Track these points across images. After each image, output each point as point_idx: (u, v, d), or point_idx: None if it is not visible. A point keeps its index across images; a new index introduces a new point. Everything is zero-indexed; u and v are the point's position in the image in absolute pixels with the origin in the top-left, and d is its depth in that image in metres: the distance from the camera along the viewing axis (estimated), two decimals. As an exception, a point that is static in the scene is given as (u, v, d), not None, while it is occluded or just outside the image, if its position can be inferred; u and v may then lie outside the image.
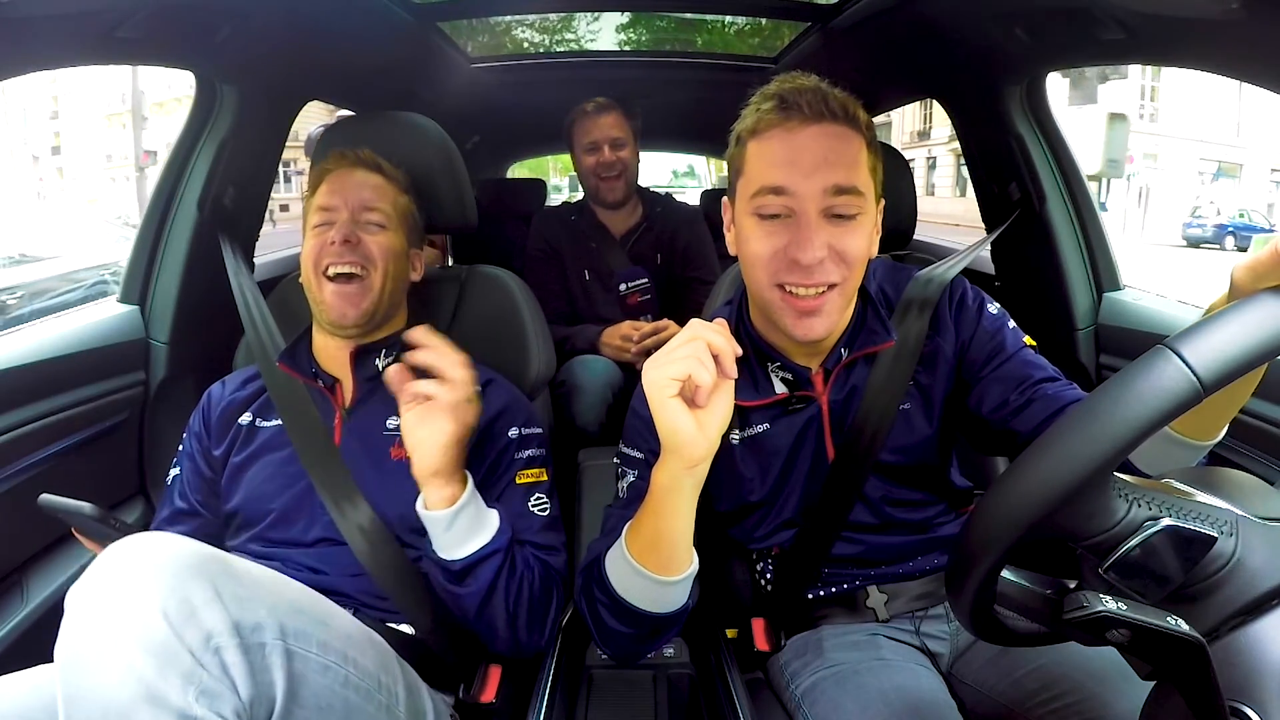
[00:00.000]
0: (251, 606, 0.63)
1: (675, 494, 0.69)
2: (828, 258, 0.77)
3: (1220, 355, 0.42)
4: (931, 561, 0.92)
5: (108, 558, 0.62)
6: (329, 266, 0.95)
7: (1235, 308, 0.44)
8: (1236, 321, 0.43)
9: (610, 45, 2.27)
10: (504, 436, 0.97)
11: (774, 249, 0.78)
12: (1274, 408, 1.03)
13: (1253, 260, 0.51)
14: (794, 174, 0.77)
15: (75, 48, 0.96)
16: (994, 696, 0.83)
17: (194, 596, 0.60)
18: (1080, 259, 1.41)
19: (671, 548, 0.72)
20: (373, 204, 0.99)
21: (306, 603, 0.70)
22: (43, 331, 1.18)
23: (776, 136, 0.78)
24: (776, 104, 0.79)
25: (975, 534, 0.48)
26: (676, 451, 0.67)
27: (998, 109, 1.40)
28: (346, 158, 1.02)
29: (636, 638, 0.78)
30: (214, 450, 1.00)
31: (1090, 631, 0.46)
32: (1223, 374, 0.42)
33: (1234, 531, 0.46)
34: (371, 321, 0.98)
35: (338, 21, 1.34)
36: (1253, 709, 0.42)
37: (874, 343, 0.88)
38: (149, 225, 1.30)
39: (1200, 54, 1.00)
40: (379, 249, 0.97)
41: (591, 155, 1.80)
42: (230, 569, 0.65)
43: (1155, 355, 0.43)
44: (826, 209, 0.77)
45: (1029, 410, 0.82)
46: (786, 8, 1.66)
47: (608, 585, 0.75)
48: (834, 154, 0.77)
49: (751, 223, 0.80)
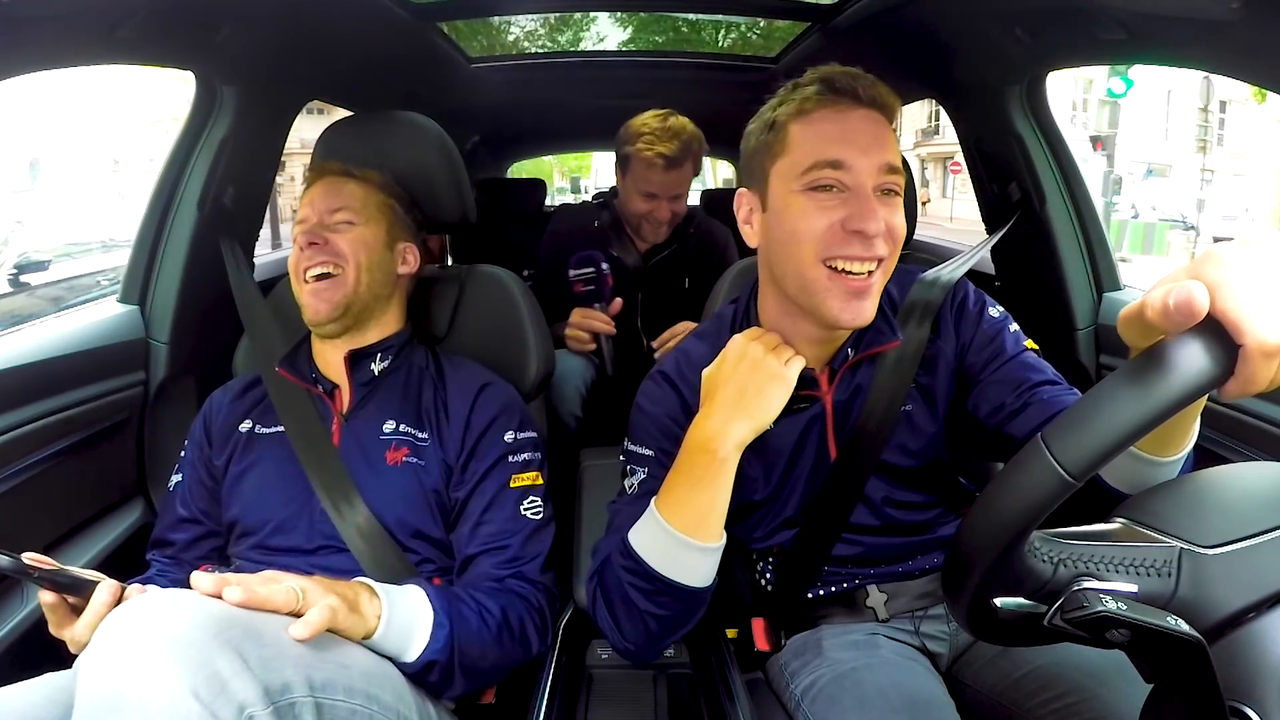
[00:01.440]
0: (277, 666, 0.60)
1: (734, 460, 0.78)
2: (885, 230, 0.78)
3: (1082, 450, 0.43)
4: (931, 561, 0.92)
5: (119, 629, 0.57)
6: (305, 270, 0.97)
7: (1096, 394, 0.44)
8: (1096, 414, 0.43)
9: (611, 45, 2.27)
10: (499, 441, 0.98)
11: (829, 222, 0.77)
12: (1274, 408, 1.03)
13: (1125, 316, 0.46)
14: (850, 149, 0.77)
15: (75, 48, 0.96)
16: (994, 696, 0.83)
17: (223, 669, 0.56)
18: (1080, 259, 1.41)
19: (719, 513, 0.78)
20: (338, 205, 1.00)
21: (325, 646, 0.68)
22: (43, 331, 1.18)
23: (827, 117, 0.79)
24: (823, 87, 0.79)
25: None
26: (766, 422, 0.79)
27: (998, 109, 1.40)
28: (317, 170, 1.04)
29: (666, 620, 0.79)
30: (215, 459, 1.00)
31: (1090, 631, 0.46)
32: (1088, 466, 0.43)
33: (1172, 571, 0.47)
34: (349, 315, 0.98)
35: (338, 21, 1.35)
36: (1253, 709, 0.42)
37: (880, 342, 0.88)
38: (149, 225, 1.30)
39: (1200, 54, 1.00)
40: (349, 244, 0.98)
41: (647, 203, 1.67)
42: (252, 628, 0.62)
43: (1032, 450, 0.45)
44: (879, 185, 0.78)
45: (1025, 414, 0.82)
46: (786, 8, 1.66)
47: (641, 564, 0.77)
48: (882, 138, 0.79)
49: (801, 199, 0.79)
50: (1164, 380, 0.41)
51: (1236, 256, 0.41)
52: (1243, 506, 0.50)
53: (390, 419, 0.98)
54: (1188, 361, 0.41)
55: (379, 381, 1.01)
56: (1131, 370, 0.42)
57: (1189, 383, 0.40)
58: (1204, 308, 0.40)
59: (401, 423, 0.98)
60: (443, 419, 0.98)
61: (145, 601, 0.60)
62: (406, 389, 1.01)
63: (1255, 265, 0.40)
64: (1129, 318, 0.45)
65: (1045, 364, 0.87)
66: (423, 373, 1.03)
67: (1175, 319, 0.40)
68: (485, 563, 0.93)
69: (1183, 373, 0.41)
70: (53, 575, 0.74)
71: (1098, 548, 0.48)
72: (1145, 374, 0.41)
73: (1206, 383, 0.41)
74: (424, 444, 0.97)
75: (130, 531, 1.22)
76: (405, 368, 1.03)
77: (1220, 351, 0.40)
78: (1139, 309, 0.43)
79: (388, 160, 1.10)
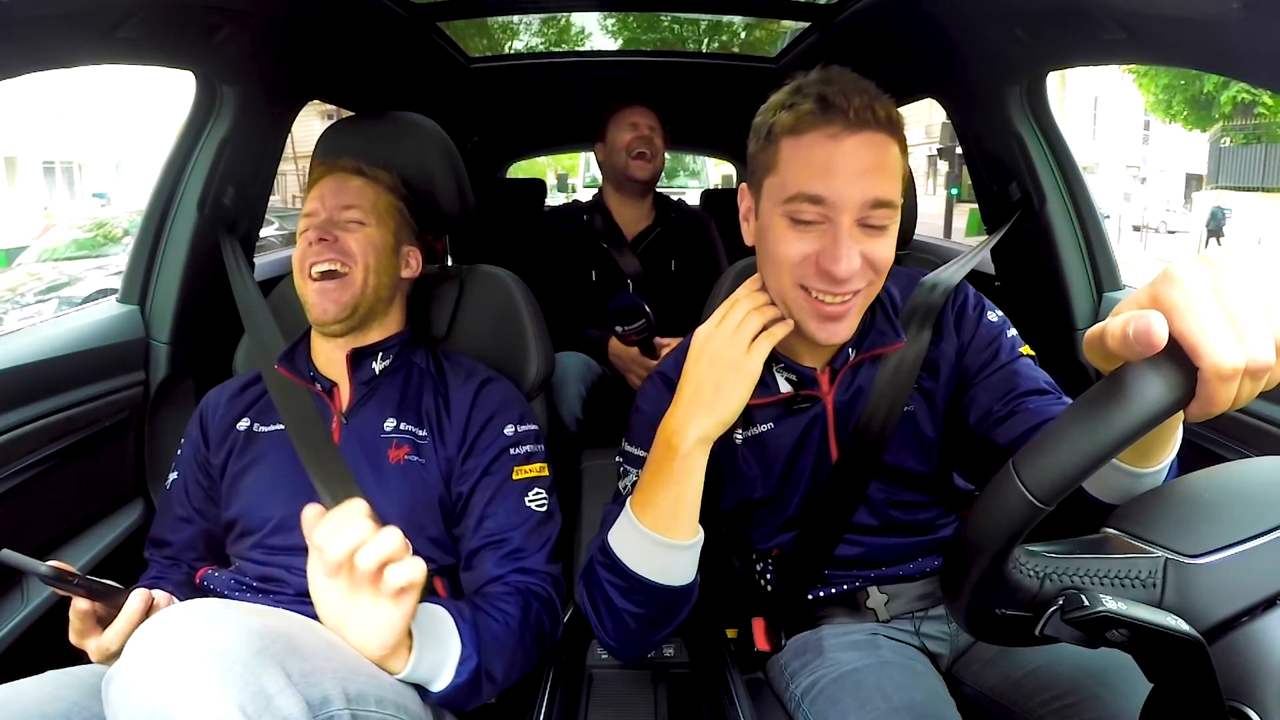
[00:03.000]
0: (317, 680, 0.60)
1: (703, 456, 0.76)
2: (861, 267, 0.76)
3: (1049, 476, 0.44)
4: (932, 563, 0.92)
5: (158, 641, 0.56)
6: (311, 266, 0.96)
7: (1063, 421, 0.44)
8: (1062, 442, 0.44)
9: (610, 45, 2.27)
10: (500, 435, 0.98)
11: (804, 254, 0.76)
12: (1274, 408, 1.03)
13: (1089, 339, 0.45)
14: (834, 184, 0.73)
15: (75, 48, 0.96)
16: (994, 697, 0.83)
17: (268, 685, 0.56)
18: (1080, 259, 1.41)
19: (691, 510, 0.76)
20: (350, 203, 1.00)
21: (356, 657, 0.68)
22: (43, 331, 1.18)
23: (817, 142, 0.74)
24: (819, 105, 0.74)
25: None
26: (729, 416, 0.76)
27: (998, 109, 1.40)
28: (327, 165, 1.04)
29: (644, 619, 0.78)
30: (212, 458, 1.00)
31: (1090, 631, 0.46)
32: (1056, 491, 0.44)
33: (1158, 581, 0.47)
34: (355, 316, 0.98)
35: (338, 21, 1.35)
36: (1253, 709, 0.42)
37: (883, 344, 0.88)
38: (148, 225, 1.30)
39: (1200, 54, 1.00)
40: (358, 244, 0.98)
41: (631, 133, 1.83)
42: (293, 642, 0.61)
43: (1003, 476, 0.46)
44: (862, 219, 0.75)
45: (1009, 423, 0.81)
46: (786, 8, 1.66)
47: (617, 562, 0.77)
48: (875, 166, 0.74)
49: (782, 225, 0.77)
50: (1124, 408, 0.41)
51: (1193, 277, 0.41)
52: (1230, 511, 0.50)
53: (391, 418, 0.98)
54: (1147, 389, 0.41)
55: (379, 380, 1.01)
56: (1092, 398, 0.43)
57: (1148, 409, 0.41)
58: (1162, 339, 0.40)
59: (402, 421, 0.98)
60: (444, 416, 0.98)
61: (183, 613, 0.59)
62: (407, 388, 1.01)
63: (1212, 286, 0.40)
64: (1092, 342, 0.45)
65: (1039, 372, 0.86)
66: (423, 372, 1.03)
67: (1135, 348, 0.41)
68: (489, 559, 0.92)
69: (1143, 400, 0.41)
70: (88, 583, 0.74)
71: (1082, 561, 0.49)
72: (1106, 402, 0.42)
73: (1166, 408, 0.41)
74: (424, 442, 0.97)
75: (130, 531, 1.22)
76: (405, 367, 1.03)
77: (1180, 376, 0.41)
78: (1100, 334, 0.43)
79: (389, 160, 1.10)
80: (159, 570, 1.00)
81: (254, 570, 0.93)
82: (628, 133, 1.84)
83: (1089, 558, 0.49)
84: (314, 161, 1.07)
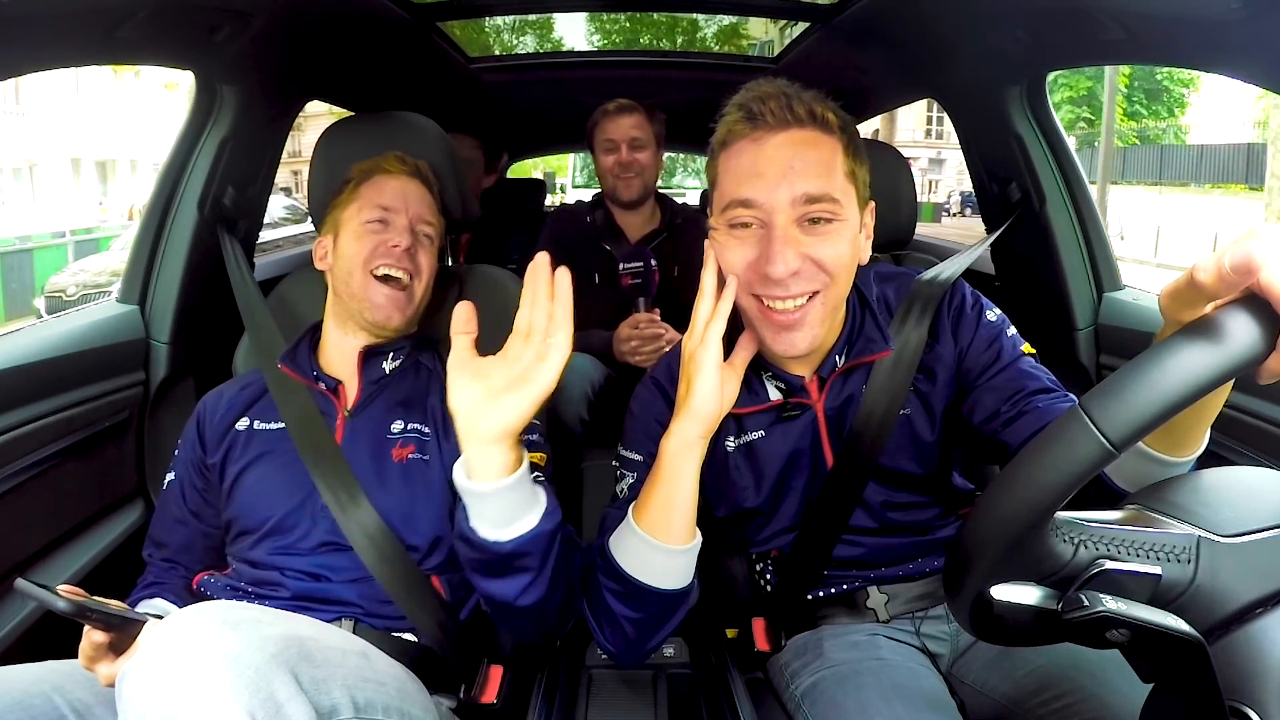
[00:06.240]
0: (327, 688, 0.61)
1: (688, 459, 0.76)
2: (803, 268, 0.76)
3: (1126, 417, 0.42)
4: (932, 564, 0.91)
5: (170, 645, 0.56)
6: (380, 267, 0.97)
7: (1140, 363, 0.43)
8: (1142, 380, 0.42)
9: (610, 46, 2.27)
10: None
11: (746, 261, 0.77)
12: (1274, 408, 1.03)
13: (1173, 288, 0.47)
14: (760, 186, 0.75)
15: (75, 48, 0.96)
16: (994, 696, 0.83)
17: (278, 692, 0.56)
18: (1080, 259, 1.41)
19: (682, 514, 0.76)
20: (428, 218, 1.03)
21: (363, 665, 0.69)
22: (43, 331, 1.18)
23: (744, 148, 0.77)
24: (743, 114, 0.77)
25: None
26: (704, 414, 0.76)
27: (998, 109, 1.40)
28: (406, 164, 1.05)
29: (643, 623, 0.78)
30: (209, 459, 1.00)
31: (1090, 631, 0.46)
32: (1130, 434, 0.42)
33: (1191, 558, 0.46)
34: (410, 324, 1.02)
35: (338, 21, 1.35)
36: (1253, 709, 0.42)
37: (871, 351, 0.87)
38: (149, 225, 1.30)
39: (1200, 54, 1.00)
40: (426, 260, 1.02)
41: (610, 155, 1.81)
42: (304, 649, 0.61)
43: (1070, 418, 0.44)
44: (800, 218, 0.75)
45: (1019, 423, 0.81)
46: (786, 8, 1.66)
47: (615, 566, 0.77)
48: (802, 161, 0.75)
49: (725, 234, 0.79)
50: (1212, 348, 0.41)
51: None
52: (1254, 503, 0.50)
53: (398, 419, 0.98)
54: (1237, 330, 0.41)
55: (388, 380, 1.01)
56: (1178, 339, 0.43)
57: (1236, 352, 0.41)
58: (1261, 265, 0.40)
59: (409, 421, 0.98)
60: (448, 414, 0.98)
61: (199, 615, 0.59)
62: (414, 388, 1.01)
63: None
64: (1174, 290, 0.46)
65: (1042, 370, 0.86)
66: (430, 373, 1.03)
67: (1230, 279, 0.42)
68: None
69: (1231, 341, 0.41)
70: (105, 615, 0.74)
71: (1119, 530, 0.48)
72: (1193, 341, 0.42)
73: (1253, 354, 0.41)
74: (429, 439, 0.97)
75: (130, 531, 1.22)
76: (413, 367, 1.03)
77: (1265, 325, 0.41)
78: (1187, 277, 0.45)
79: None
80: (157, 574, 1.00)
81: (250, 574, 0.93)
82: (608, 155, 1.82)
83: (1124, 528, 0.48)
84: (394, 156, 1.06)
